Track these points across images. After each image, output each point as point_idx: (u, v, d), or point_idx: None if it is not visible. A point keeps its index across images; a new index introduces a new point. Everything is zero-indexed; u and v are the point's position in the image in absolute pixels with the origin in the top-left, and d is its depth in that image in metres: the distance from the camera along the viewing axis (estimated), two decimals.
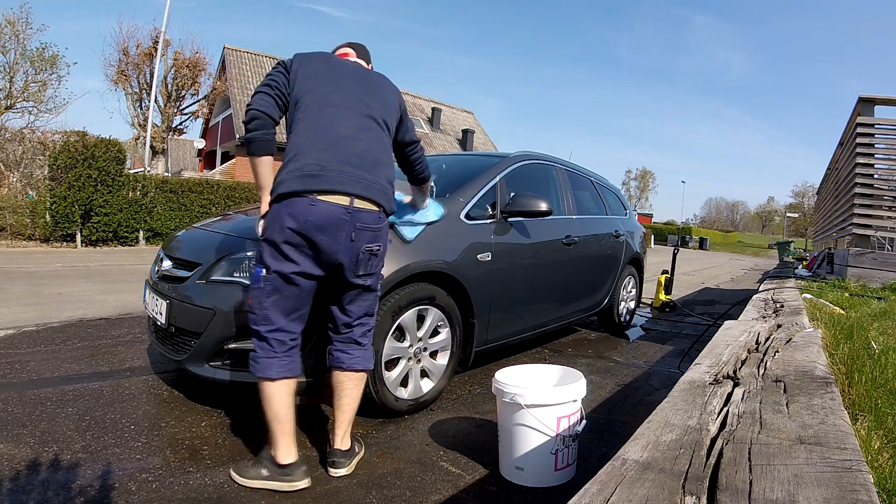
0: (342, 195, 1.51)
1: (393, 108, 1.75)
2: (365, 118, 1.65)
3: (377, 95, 1.72)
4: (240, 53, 19.25)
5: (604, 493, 0.90)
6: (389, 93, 1.77)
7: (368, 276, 1.63)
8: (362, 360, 1.71)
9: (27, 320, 3.55)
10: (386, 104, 1.73)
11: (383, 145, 1.68)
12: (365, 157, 1.59)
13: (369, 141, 1.63)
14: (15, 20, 13.39)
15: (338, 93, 1.64)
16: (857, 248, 6.19)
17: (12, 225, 9.06)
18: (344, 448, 1.73)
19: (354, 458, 1.78)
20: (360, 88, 1.69)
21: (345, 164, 1.54)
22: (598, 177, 4.45)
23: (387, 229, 1.67)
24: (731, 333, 2.39)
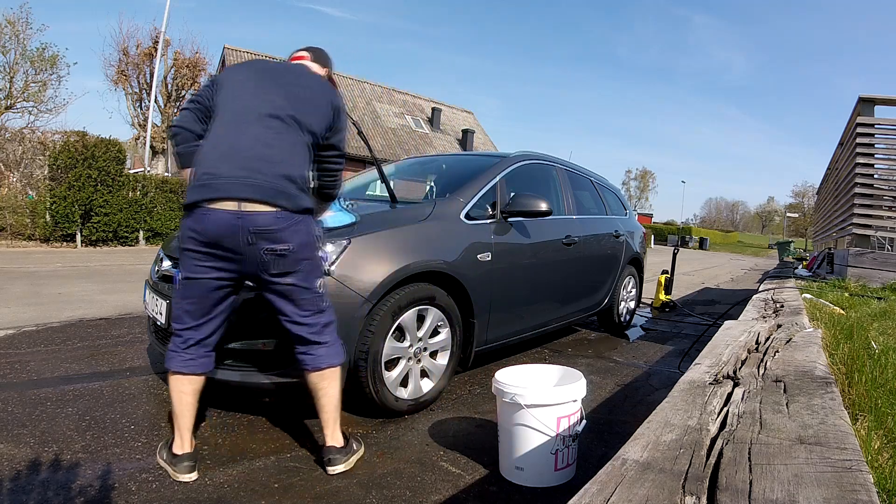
0: (230, 201, 1.51)
1: (315, 107, 1.71)
2: (270, 119, 1.62)
3: (296, 95, 1.69)
4: (240, 53, 19.26)
5: (604, 493, 0.90)
6: (315, 93, 1.73)
7: (286, 275, 1.60)
8: (326, 357, 1.69)
9: (27, 320, 3.55)
10: (305, 103, 1.69)
11: (288, 143, 1.63)
12: (261, 158, 1.56)
13: (269, 141, 1.60)
14: (15, 20, 13.41)
15: (245, 98, 1.66)
16: (857, 248, 6.19)
17: (12, 225, 9.06)
18: (337, 445, 1.74)
19: (352, 455, 1.77)
20: (274, 89, 1.68)
21: (238, 170, 1.54)
22: (598, 177, 4.45)
23: (299, 227, 1.59)
24: (731, 333, 2.39)
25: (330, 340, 1.71)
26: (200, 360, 1.65)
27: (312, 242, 1.65)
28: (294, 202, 1.57)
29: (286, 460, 1.81)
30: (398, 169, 3.83)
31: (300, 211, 1.60)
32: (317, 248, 1.68)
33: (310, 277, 1.64)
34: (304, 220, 1.62)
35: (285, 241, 1.56)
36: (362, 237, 2.11)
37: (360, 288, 2.01)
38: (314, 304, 1.67)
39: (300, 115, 1.66)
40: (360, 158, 18.89)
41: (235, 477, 1.67)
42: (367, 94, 22.85)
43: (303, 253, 1.61)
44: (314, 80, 1.78)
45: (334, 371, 1.71)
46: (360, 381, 2.05)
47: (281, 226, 1.55)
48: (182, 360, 1.63)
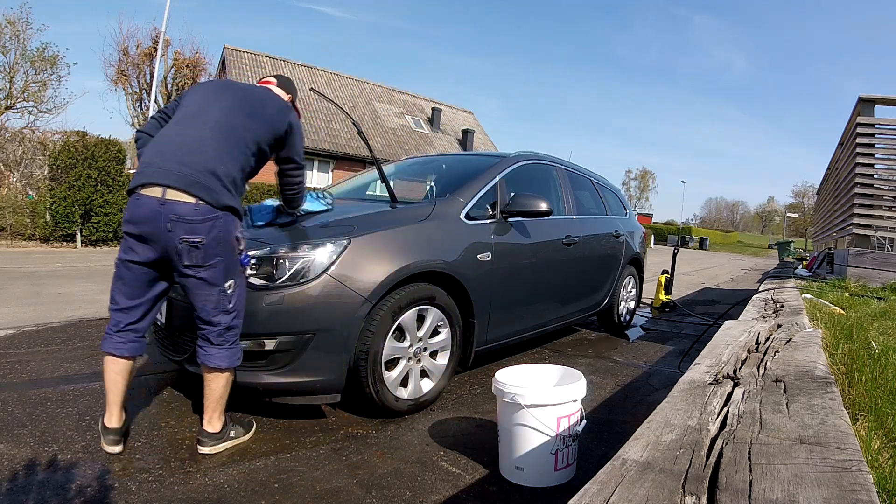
0: (156, 187, 1.61)
1: (263, 122, 1.83)
2: (213, 124, 1.74)
3: (246, 109, 1.81)
4: (240, 53, 19.25)
5: (604, 493, 0.90)
6: (267, 110, 1.86)
7: (199, 267, 1.66)
8: (215, 358, 1.75)
9: (27, 320, 3.55)
10: (253, 117, 1.81)
11: (224, 146, 1.72)
12: (191, 153, 1.66)
13: (204, 140, 1.70)
14: (15, 20, 13.41)
15: (195, 106, 1.80)
16: (857, 248, 6.19)
17: (12, 225, 9.06)
18: (210, 430, 1.83)
19: (224, 441, 1.85)
20: (226, 101, 1.81)
21: (168, 161, 1.64)
22: (598, 177, 4.45)
23: (216, 223, 1.65)
24: (731, 333, 2.39)
25: (225, 344, 1.76)
26: (130, 344, 1.75)
27: (229, 241, 1.70)
28: (214, 197, 1.64)
29: (286, 460, 1.81)
30: (398, 169, 3.83)
31: (221, 207, 1.66)
32: (234, 249, 1.73)
33: (220, 275, 1.70)
34: (224, 218, 1.68)
35: (199, 234, 1.63)
36: (362, 237, 2.11)
37: (360, 288, 2.01)
38: (220, 304, 1.72)
39: (245, 126, 1.78)
40: (360, 158, 18.89)
41: (235, 477, 1.67)
42: (367, 94, 22.85)
43: (216, 249, 1.67)
44: (270, 98, 1.92)
45: (216, 373, 1.78)
46: (360, 381, 2.05)
47: (198, 217, 1.62)
48: (113, 342, 1.74)
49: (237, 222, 1.74)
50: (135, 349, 1.77)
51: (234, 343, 1.79)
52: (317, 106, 19.37)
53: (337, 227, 2.17)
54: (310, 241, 2.04)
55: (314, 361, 1.95)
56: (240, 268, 1.78)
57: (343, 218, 2.29)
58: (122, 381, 1.77)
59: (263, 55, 20.03)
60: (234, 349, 1.79)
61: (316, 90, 2.65)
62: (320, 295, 1.95)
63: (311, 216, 2.29)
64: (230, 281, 1.73)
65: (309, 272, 1.96)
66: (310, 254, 1.99)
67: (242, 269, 1.81)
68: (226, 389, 1.83)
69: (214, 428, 1.84)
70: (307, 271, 1.96)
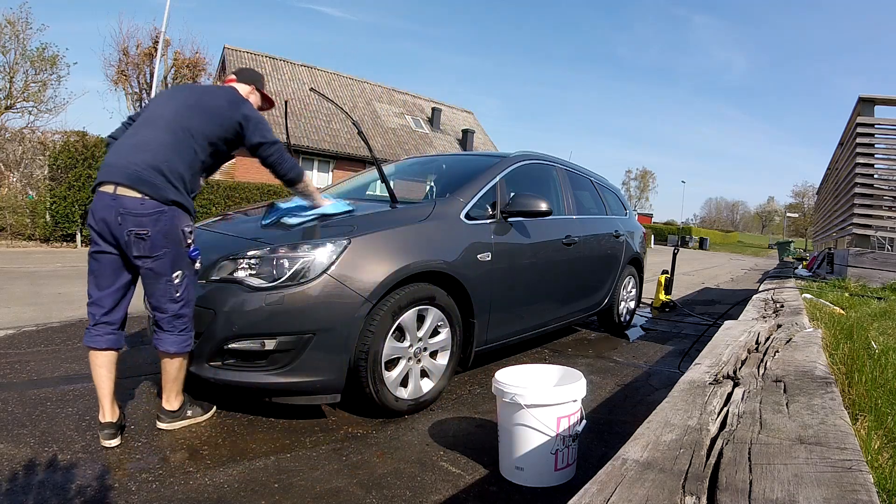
0: (109, 184, 1.77)
1: (214, 119, 1.93)
2: (163, 125, 1.87)
3: (197, 109, 1.93)
4: (240, 53, 19.26)
5: (604, 493, 0.90)
6: (220, 108, 1.96)
7: (147, 258, 1.79)
8: (166, 342, 1.88)
9: (27, 320, 3.55)
10: (204, 116, 1.92)
11: (170, 144, 1.84)
12: (138, 151, 1.80)
13: (151, 140, 1.84)
14: (15, 20, 13.39)
15: (151, 111, 1.96)
16: (857, 248, 6.19)
17: (12, 225, 9.06)
18: (168, 408, 1.98)
19: (180, 420, 2.00)
20: (177, 105, 1.94)
21: (120, 160, 1.79)
22: (598, 177, 4.45)
23: (162, 217, 1.77)
24: (731, 333, 2.39)
25: (174, 331, 1.87)
26: (106, 336, 1.86)
27: (175, 235, 1.82)
28: (158, 192, 1.77)
29: (286, 460, 1.81)
30: (398, 169, 3.83)
31: (166, 202, 1.78)
32: (181, 242, 1.84)
33: (168, 266, 1.82)
34: (169, 212, 1.79)
35: (145, 227, 1.76)
36: (362, 237, 2.11)
37: (361, 288, 2.01)
38: (168, 293, 1.84)
39: (194, 126, 1.89)
40: (360, 158, 18.89)
41: (235, 477, 1.67)
42: (367, 94, 22.85)
43: (162, 241, 1.79)
44: (221, 96, 2.01)
45: (170, 356, 1.91)
46: (360, 381, 2.05)
47: (143, 211, 1.75)
48: (91, 336, 1.85)
49: (184, 216, 1.85)
50: (112, 341, 1.87)
51: (184, 330, 1.89)
52: (317, 106, 19.37)
53: (337, 227, 2.17)
54: (310, 241, 2.04)
55: (314, 361, 1.96)
56: (187, 260, 1.88)
57: (343, 218, 2.29)
58: (107, 375, 1.86)
59: (263, 55, 20.03)
60: (184, 336, 1.89)
61: (316, 90, 2.65)
62: (320, 295, 1.95)
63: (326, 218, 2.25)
64: (178, 272, 1.84)
65: (309, 272, 1.96)
66: (310, 254, 1.99)
67: (191, 261, 1.90)
68: (179, 371, 1.95)
69: (172, 406, 1.99)
70: (307, 271, 1.96)
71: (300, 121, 18.34)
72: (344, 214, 2.29)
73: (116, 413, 1.88)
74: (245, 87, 2.19)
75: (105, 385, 1.85)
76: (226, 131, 1.96)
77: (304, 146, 17.56)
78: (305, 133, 18.06)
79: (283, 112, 2.73)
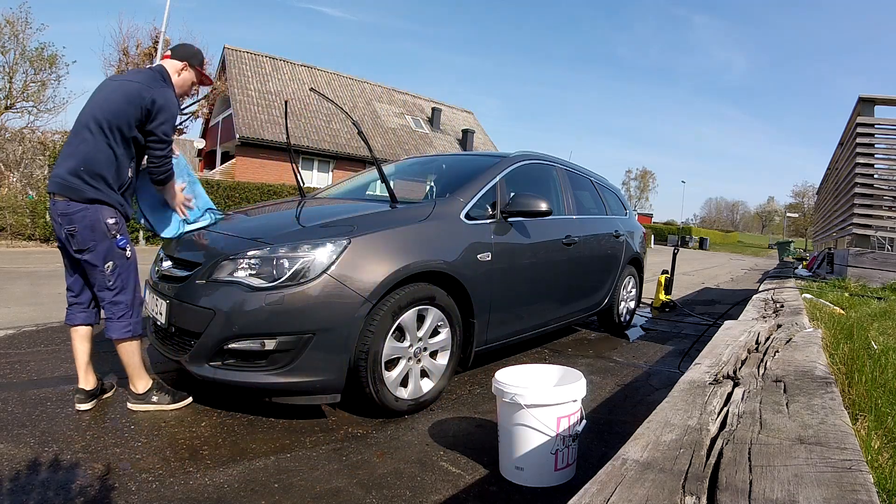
0: (50, 193, 2.02)
1: (122, 109, 1.99)
2: (82, 126, 2.00)
3: (104, 101, 2.02)
4: (240, 53, 19.25)
5: (604, 493, 0.90)
6: (128, 97, 2.00)
7: (81, 251, 1.99)
8: (110, 329, 2.06)
9: (27, 320, 3.55)
10: (112, 108, 1.99)
11: (85, 145, 1.97)
12: (61, 161, 2.00)
13: (69, 147, 2.01)
14: (14, 20, 13.40)
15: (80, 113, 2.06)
16: (857, 248, 6.19)
17: (12, 225, 9.06)
18: (134, 391, 2.15)
19: (146, 404, 2.14)
20: (95, 102, 2.04)
21: (55, 170, 2.01)
22: (598, 177, 4.45)
23: (85, 214, 1.96)
24: (731, 333, 2.39)
25: (113, 317, 2.05)
26: (79, 314, 2.14)
27: (100, 228, 1.98)
28: (79, 193, 1.95)
29: (286, 460, 1.81)
30: (398, 169, 3.83)
31: (86, 201, 1.96)
32: (106, 235, 2.00)
33: (99, 258, 2.00)
34: (91, 209, 1.97)
35: (74, 224, 1.97)
36: (362, 237, 2.11)
37: (360, 288, 2.01)
38: (103, 282, 2.03)
39: (106, 119, 1.98)
40: (360, 158, 18.89)
41: (235, 477, 1.67)
42: (367, 94, 22.85)
43: (88, 235, 1.97)
44: (139, 80, 2.05)
45: (117, 342, 2.08)
46: (360, 381, 2.05)
47: (69, 211, 1.96)
48: (68, 315, 2.15)
49: (107, 210, 2.00)
50: (84, 318, 2.14)
51: (122, 316, 2.05)
52: (317, 106, 19.37)
53: (337, 226, 2.17)
54: (310, 241, 2.04)
55: (314, 361, 1.96)
56: (117, 250, 2.03)
57: (343, 218, 2.29)
58: (82, 348, 2.12)
59: (263, 55, 20.02)
60: (123, 322, 2.06)
61: (316, 90, 2.65)
62: (320, 295, 1.95)
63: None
64: (109, 262, 2.02)
65: (309, 272, 1.96)
66: (310, 254, 1.99)
67: (121, 250, 2.05)
68: (131, 357, 2.11)
69: (137, 390, 2.15)
70: (307, 271, 1.96)
71: (300, 121, 18.34)
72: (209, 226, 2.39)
73: (90, 382, 2.13)
74: (176, 64, 2.20)
75: (81, 357, 2.12)
76: (130, 120, 2.00)
77: (304, 146, 17.56)
78: (305, 133, 18.05)
79: (284, 112, 2.74)
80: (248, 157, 16.92)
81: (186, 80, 2.22)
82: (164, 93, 2.06)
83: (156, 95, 2.02)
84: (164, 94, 2.05)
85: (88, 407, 2.10)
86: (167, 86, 2.11)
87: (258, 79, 18.75)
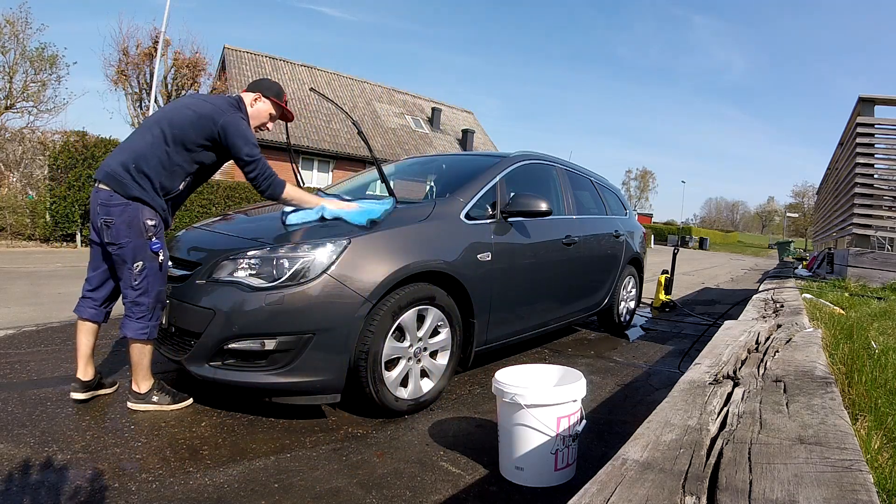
0: (95, 181, 2.06)
1: (192, 125, 2.06)
2: (148, 126, 2.08)
3: (177, 110, 2.10)
4: (240, 53, 19.25)
5: (604, 493, 0.90)
6: (200, 116, 2.07)
7: (113, 245, 2.01)
8: (127, 327, 2.05)
9: (27, 320, 3.55)
10: (180, 117, 2.07)
11: (145, 145, 2.03)
12: (118, 153, 2.04)
13: (129, 141, 2.07)
14: (14, 20, 13.38)
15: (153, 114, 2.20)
16: (857, 248, 6.19)
17: (12, 225, 9.06)
18: (136, 390, 2.15)
19: (147, 404, 2.14)
20: (166, 109, 2.16)
21: (107, 160, 2.04)
22: (598, 177, 4.45)
23: (126, 209, 1.98)
24: (731, 333, 2.39)
25: (133, 316, 2.05)
26: (89, 309, 2.16)
27: (137, 226, 2.00)
28: (123, 188, 1.98)
29: (286, 460, 1.81)
30: (398, 169, 3.83)
31: (129, 197, 1.99)
32: (142, 234, 2.01)
33: (130, 255, 2.01)
34: (133, 206, 2.00)
35: (111, 216, 1.99)
36: (362, 237, 2.11)
37: (361, 288, 2.01)
38: (129, 280, 2.03)
39: (171, 127, 2.04)
40: (360, 158, 18.89)
41: (235, 477, 1.67)
42: (367, 94, 22.84)
43: (124, 230, 1.99)
44: (212, 104, 2.13)
45: (131, 340, 2.08)
46: (360, 381, 2.05)
47: (111, 203, 1.98)
48: (78, 306, 2.17)
49: (147, 211, 2.02)
50: (93, 315, 2.16)
51: (141, 318, 2.04)
52: (317, 106, 19.37)
53: (337, 226, 2.17)
54: (310, 241, 2.04)
55: (314, 361, 1.96)
56: (149, 252, 2.03)
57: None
58: (85, 341, 2.15)
59: (263, 55, 20.02)
60: (141, 323, 2.04)
61: (316, 90, 2.65)
62: (320, 295, 1.95)
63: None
64: (139, 262, 2.02)
65: (309, 272, 1.96)
66: (310, 254, 1.99)
67: (153, 253, 2.04)
68: (140, 357, 2.11)
69: (139, 389, 2.15)
70: (307, 271, 1.96)
71: (300, 121, 18.33)
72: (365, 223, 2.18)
73: (88, 374, 2.17)
74: (250, 95, 2.29)
75: (82, 349, 2.16)
76: (204, 138, 2.07)
77: (304, 146, 17.56)
78: (305, 133, 18.05)
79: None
80: None
81: (261, 110, 2.29)
82: (234, 118, 2.11)
83: (225, 120, 2.08)
84: (234, 120, 2.10)
85: (83, 397, 2.15)
86: (240, 112, 2.18)
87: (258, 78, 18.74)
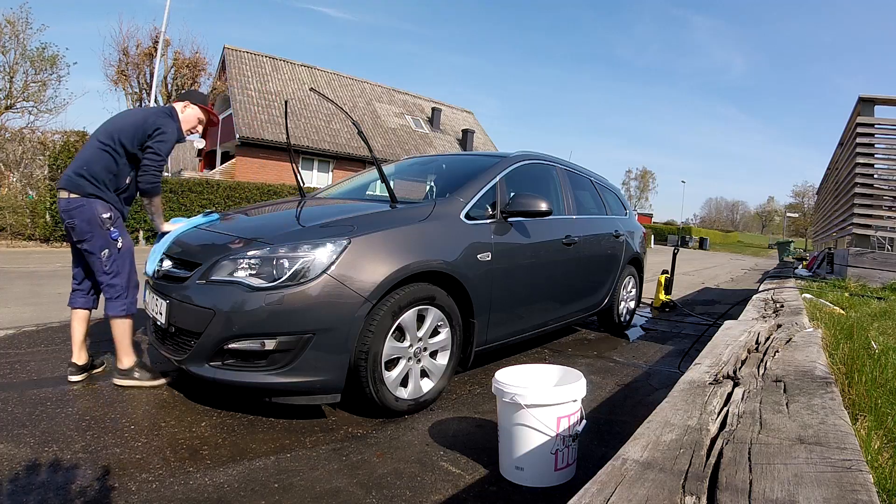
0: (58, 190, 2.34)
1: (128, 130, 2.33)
2: (95, 137, 2.35)
3: (118, 120, 2.41)
4: (240, 53, 19.26)
5: (604, 493, 0.90)
6: (136, 121, 2.36)
7: (81, 241, 2.31)
8: (108, 307, 2.35)
9: (27, 320, 3.55)
10: (121, 124, 2.36)
11: (93, 152, 2.30)
12: (73, 162, 2.33)
13: (83, 151, 2.35)
14: (15, 20, 13.40)
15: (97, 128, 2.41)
16: (857, 248, 6.19)
17: (12, 225, 9.06)
18: (119, 367, 2.40)
19: (129, 379, 2.38)
20: (112, 119, 2.43)
21: (66, 170, 2.33)
22: (598, 177, 4.45)
23: (83, 208, 2.26)
24: (731, 333, 2.39)
25: (111, 298, 2.34)
26: (79, 299, 2.46)
27: (95, 221, 2.28)
28: (79, 188, 2.27)
29: (286, 460, 1.81)
30: (398, 169, 3.83)
31: (86, 195, 2.27)
32: (101, 227, 2.29)
33: (96, 247, 2.30)
34: (88, 203, 2.28)
35: (73, 217, 2.28)
36: (362, 237, 2.11)
37: (360, 288, 2.01)
38: (100, 267, 2.33)
39: (114, 133, 2.32)
40: (360, 158, 18.89)
41: (235, 477, 1.67)
42: (367, 94, 22.84)
43: (86, 227, 2.28)
44: (149, 111, 2.45)
45: (113, 319, 2.35)
46: (360, 381, 2.05)
47: (70, 206, 2.28)
48: (70, 299, 2.46)
49: (102, 205, 2.30)
50: (83, 303, 2.46)
51: (118, 297, 2.34)
52: (317, 106, 19.37)
53: (337, 226, 2.17)
54: (310, 241, 2.04)
55: (314, 361, 1.96)
56: (110, 240, 2.32)
57: (343, 218, 2.29)
58: (79, 328, 2.43)
59: (263, 55, 20.03)
60: (118, 302, 2.34)
61: (316, 90, 2.65)
62: (320, 295, 1.95)
63: None
64: (105, 251, 2.31)
65: (309, 272, 1.96)
66: (310, 254, 1.99)
67: (113, 241, 2.33)
68: (122, 335, 2.37)
69: (123, 365, 2.40)
70: (307, 271, 1.96)
71: (300, 121, 18.34)
72: (192, 228, 2.50)
73: (83, 358, 2.43)
74: (180, 104, 2.59)
75: (76, 335, 2.43)
76: (139, 141, 2.34)
77: (304, 146, 17.57)
78: (305, 133, 18.06)
79: (283, 112, 2.75)
80: (247, 157, 16.92)
81: (190, 115, 2.58)
82: (167, 121, 2.40)
83: (160, 122, 2.38)
84: (167, 122, 2.40)
85: (79, 379, 2.40)
86: (171, 118, 2.45)
87: (258, 79, 18.76)
